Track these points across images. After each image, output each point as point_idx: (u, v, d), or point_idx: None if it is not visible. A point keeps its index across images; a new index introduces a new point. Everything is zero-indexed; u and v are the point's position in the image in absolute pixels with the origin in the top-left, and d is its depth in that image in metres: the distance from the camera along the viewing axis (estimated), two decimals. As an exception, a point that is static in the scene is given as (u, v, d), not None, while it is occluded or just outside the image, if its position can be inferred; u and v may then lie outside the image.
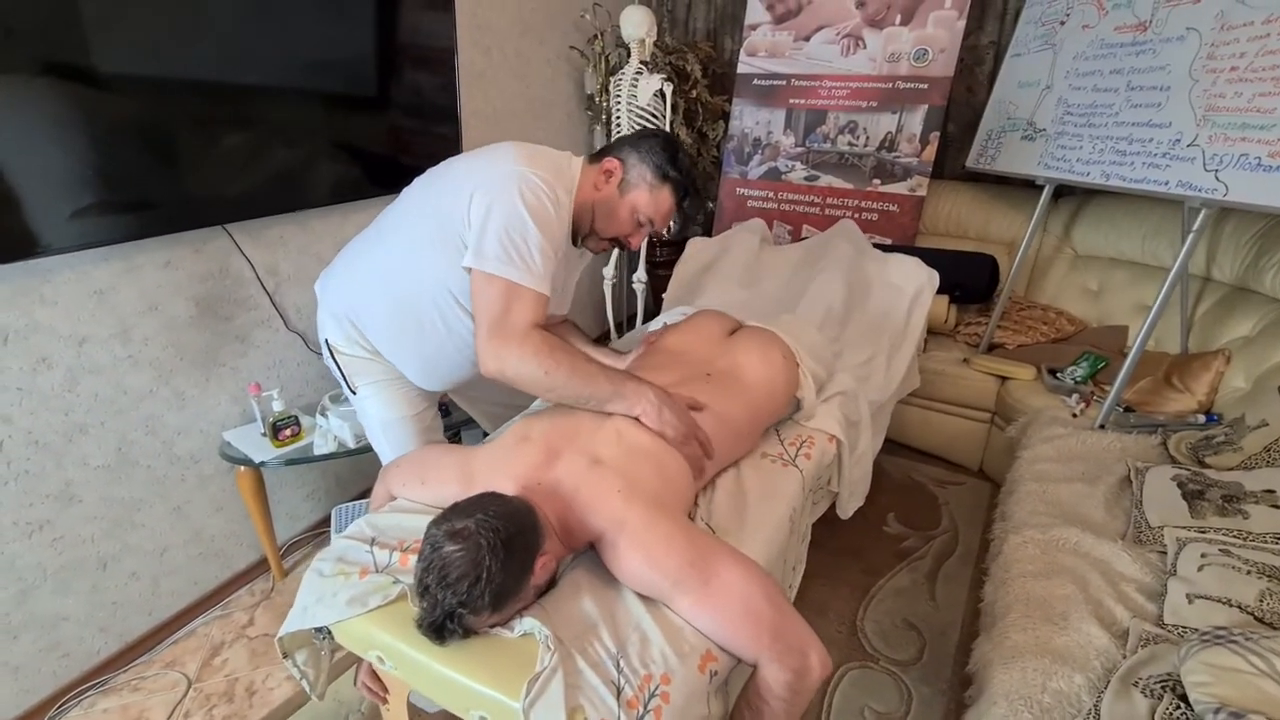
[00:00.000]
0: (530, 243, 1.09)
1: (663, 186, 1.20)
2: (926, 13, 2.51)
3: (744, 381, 1.31)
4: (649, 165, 1.20)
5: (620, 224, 1.23)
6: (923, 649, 1.61)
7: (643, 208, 1.21)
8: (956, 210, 2.68)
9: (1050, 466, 1.63)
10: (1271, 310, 1.85)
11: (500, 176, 1.12)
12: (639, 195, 1.21)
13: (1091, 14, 2.03)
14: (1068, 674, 1.04)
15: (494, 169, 1.14)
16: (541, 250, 1.10)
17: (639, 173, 1.21)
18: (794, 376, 1.39)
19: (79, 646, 1.53)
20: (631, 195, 1.21)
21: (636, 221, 1.22)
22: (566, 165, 1.22)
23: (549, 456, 1.02)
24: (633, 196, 1.21)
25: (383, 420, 1.38)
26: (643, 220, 1.22)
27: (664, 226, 1.25)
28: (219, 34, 1.49)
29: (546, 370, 1.07)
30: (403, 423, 1.38)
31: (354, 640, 0.95)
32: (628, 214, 1.22)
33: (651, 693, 0.79)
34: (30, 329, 1.35)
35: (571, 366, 1.09)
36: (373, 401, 1.37)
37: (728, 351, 1.39)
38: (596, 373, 1.12)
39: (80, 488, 1.48)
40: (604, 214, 1.23)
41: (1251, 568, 1.14)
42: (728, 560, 0.91)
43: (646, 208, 1.21)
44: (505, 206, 1.09)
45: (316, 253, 1.90)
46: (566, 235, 1.23)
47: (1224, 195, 1.49)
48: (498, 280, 1.08)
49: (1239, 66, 1.52)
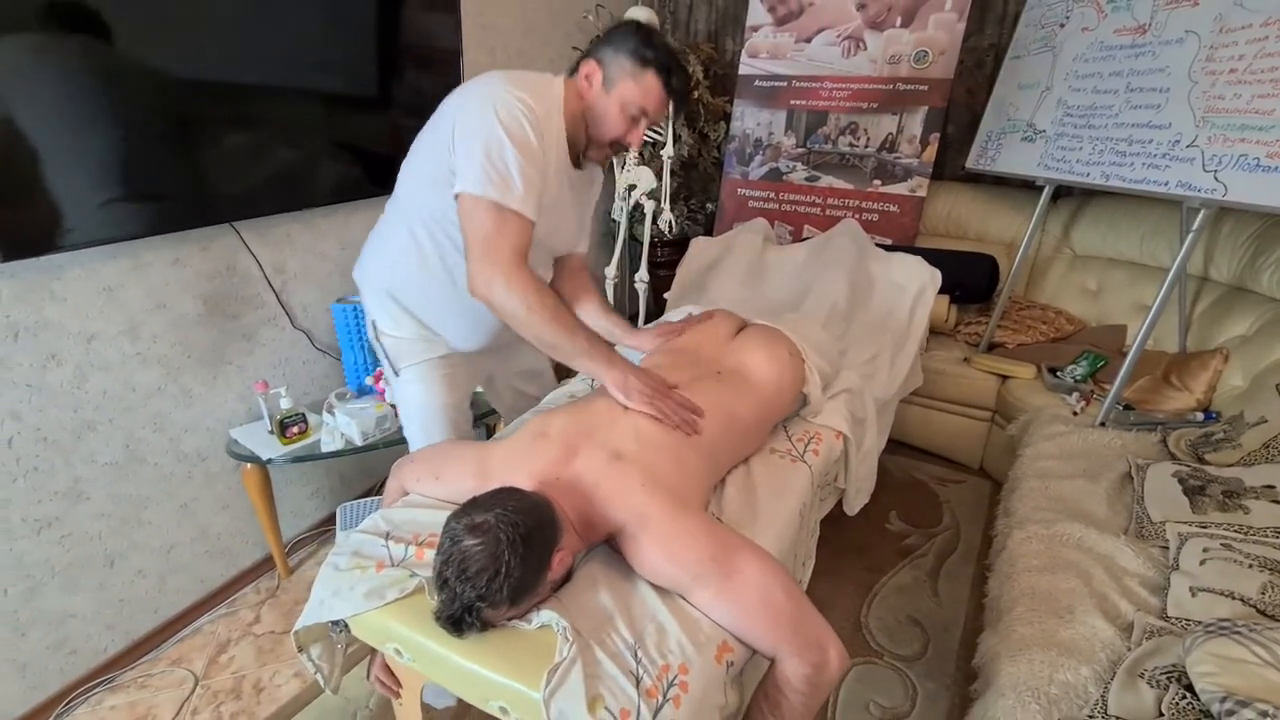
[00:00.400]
0: (510, 164, 1.08)
1: (645, 71, 1.15)
2: (927, 15, 2.53)
3: (753, 379, 1.32)
4: (625, 54, 1.15)
5: (613, 123, 1.19)
6: (926, 644, 1.63)
7: (631, 99, 1.16)
8: (956, 211, 2.70)
9: (1052, 464, 1.65)
10: (1268, 309, 1.88)
11: (478, 101, 1.12)
12: (624, 88, 1.16)
13: (1091, 17, 2.05)
14: (1074, 666, 1.06)
15: (473, 96, 1.14)
16: (522, 172, 1.09)
17: (617, 65, 1.16)
18: (800, 373, 1.40)
19: (86, 644, 1.53)
20: (616, 91, 1.16)
21: (630, 117, 1.18)
22: (549, 86, 1.19)
23: (568, 452, 1.02)
24: (618, 91, 1.16)
25: (423, 405, 1.37)
26: (635, 113, 1.18)
27: (659, 114, 1.20)
28: (227, 33, 1.49)
29: (530, 307, 1.09)
30: (441, 411, 1.38)
31: (371, 633, 0.96)
32: (617, 111, 1.17)
33: (670, 682, 0.80)
34: (40, 326, 1.35)
35: (555, 312, 1.12)
36: (414, 386, 1.36)
37: (735, 350, 1.40)
38: (576, 327, 1.15)
39: (88, 485, 1.48)
40: (595, 119, 1.19)
41: (1253, 561, 1.16)
42: (748, 555, 0.92)
43: (634, 97, 1.16)
44: (484, 130, 1.09)
45: (322, 251, 1.90)
46: (560, 156, 1.20)
47: (1223, 195, 1.51)
48: (483, 202, 1.08)
49: (1238, 68, 1.54)
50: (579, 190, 1.31)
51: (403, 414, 1.44)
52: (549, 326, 1.11)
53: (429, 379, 1.36)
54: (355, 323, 1.83)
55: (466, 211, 1.11)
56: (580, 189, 1.32)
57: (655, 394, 1.13)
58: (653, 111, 1.19)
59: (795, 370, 1.39)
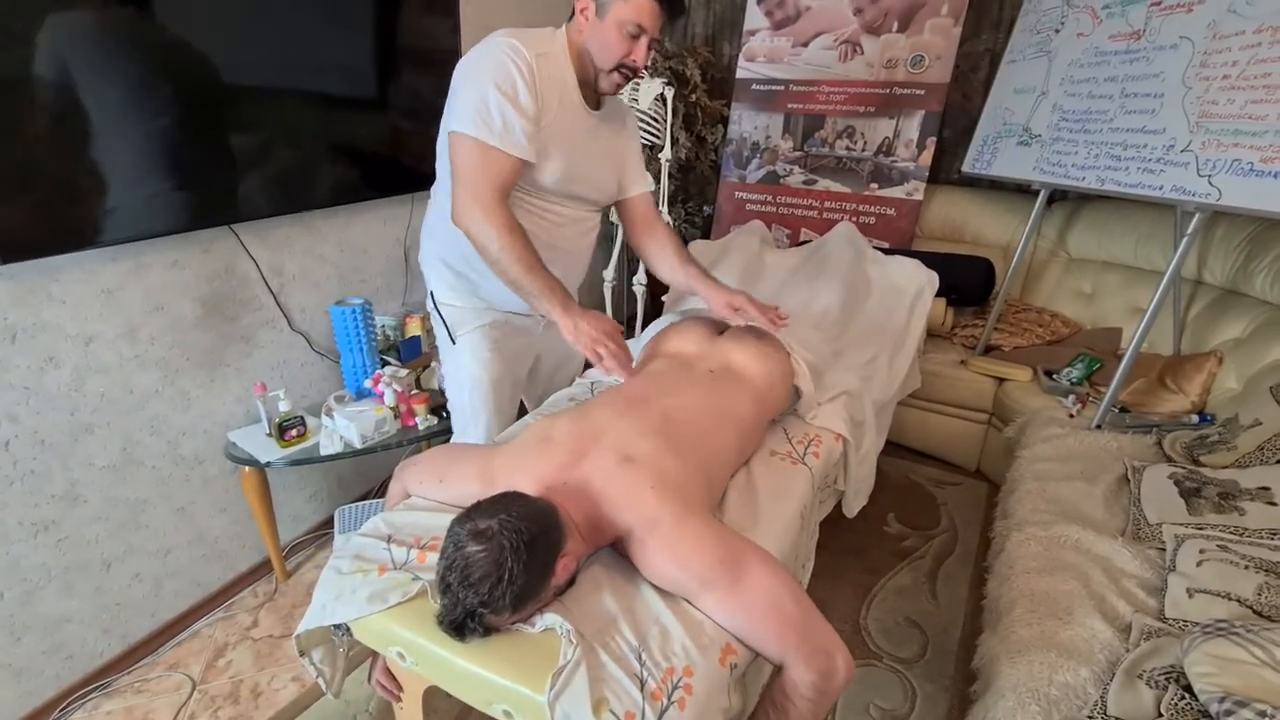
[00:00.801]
0: (491, 103, 1.15)
1: None
2: (923, 20, 2.55)
3: (743, 376, 1.34)
4: None
5: (613, 46, 1.21)
6: (925, 646, 1.63)
7: (625, 17, 1.19)
8: (953, 214, 2.72)
9: (1049, 466, 1.66)
10: (1261, 312, 1.90)
11: (473, 53, 1.21)
12: (616, 9, 1.19)
13: (1086, 22, 2.07)
14: (1073, 667, 1.06)
15: (472, 51, 1.22)
16: (502, 111, 1.16)
17: None
18: (788, 366, 1.41)
19: (82, 648, 1.52)
20: (610, 14, 1.19)
21: (629, 35, 1.20)
22: (550, 34, 1.26)
23: (575, 455, 1.02)
24: (612, 15, 1.19)
25: (471, 376, 1.44)
26: (633, 30, 1.19)
27: (657, 28, 1.22)
28: (226, 36, 1.49)
29: (500, 243, 1.18)
30: (489, 385, 1.45)
31: (374, 637, 0.95)
32: (616, 33, 1.20)
33: (674, 685, 0.80)
34: (38, 328, 1.34)
35: (522, 251, 1.19)
36: (466, 354, 1.44)
37: (720, 349, 1.41)
38: (538, 268, 1.20)
39: (85, 488, 1.47)
40: (597, 48, 1.23)
41: (1249, 563, 1.17)
42: (756, 561, 0.92)
43: (629, 14, 1.18)
44: (472, 73, 1.19)
45: (321, 253, 1.90)
46: (569, 99, 1.26)
47: (1218, 200, 1.52)
48: (468, 139, 1.17)
49: (1231, 74, 1.56)
50: (604, 133, 1.35)
51: (451, 385, 1.52)
52: (515, 264, 1.19)
53: (480, 348, 1.44)
54: (354, 325, 1.82)
55: (454, 147, 1.20)
56: (605, 132, 1.35)
57: (602, 337, 1.20)
58: (649, 25, 1.20)
59: (783, 364, 1.40)
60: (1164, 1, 1.80)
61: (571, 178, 1.32)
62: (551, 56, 1.23)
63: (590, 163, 1.35)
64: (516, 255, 1.19)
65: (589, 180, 1.37)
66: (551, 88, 1.22)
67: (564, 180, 1.31)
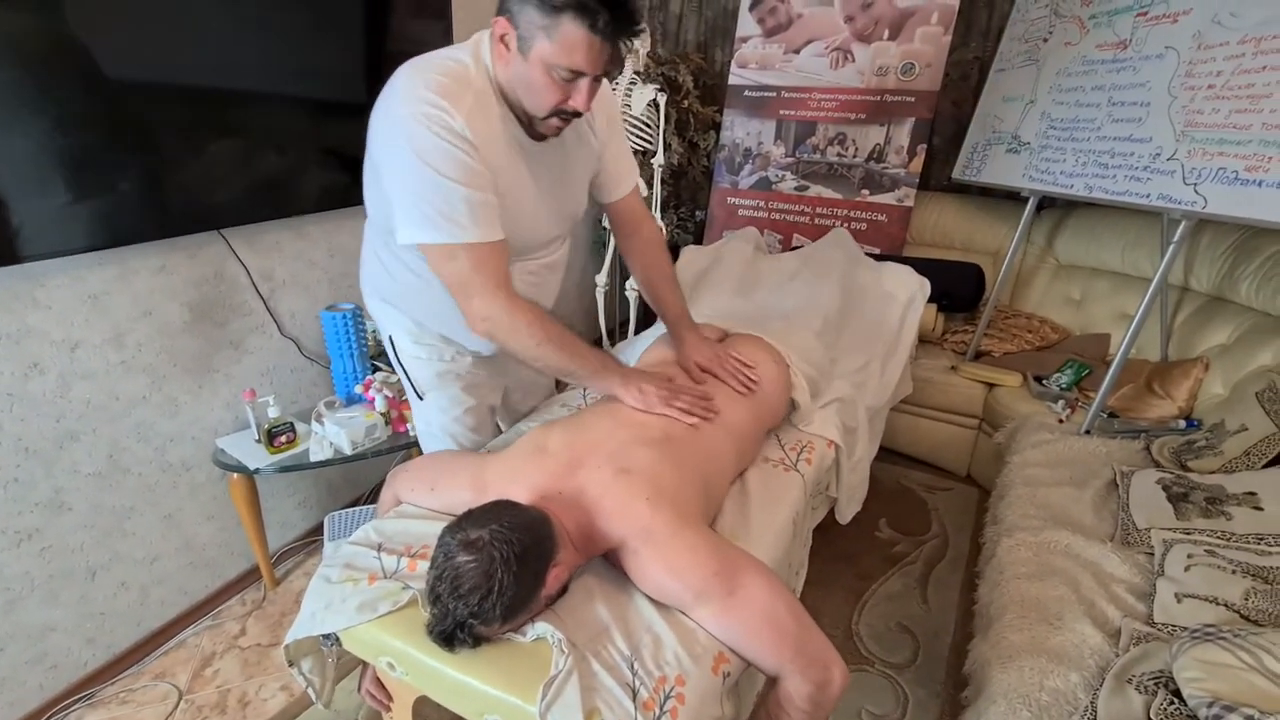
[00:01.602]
0: (448, 199, 0.97)
1: (559, 19, 0.91)
2: (913, 28, 2.57)
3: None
4: (531, 2, 0.91)
5: (543, 92, 0.97)
6: (917, 652, 1.64)
7: (553, 59, 0.93)
8: (943, 220, 2.74)
9: (1039, 471, 1.67)
10: (1247, 319, 1.92)
11: (395, 135, 0.98)
12: (541, 47, 0.93)
13: (1073, 32, 2.10)
14: (1064, 673, 1.07)
15: (389, 124, 0.99)
16: (464, 200, 0.97)
17: (527, 19, 0.92)
18: (786, 379, 1.41)
19: (66, 658, 1.50)
20: (534, 51, 0.94)
21: (559, 80, 0.96)
22: (470, 69, 1.01)
23: (570, 465, 1.01)
24: (536, 53, 0.94)
25: (448, 433, 1.35)
26: (564, 75, 0.95)
27: (597, 68, 0.96)
28: (214, 40, 1.48)
29: (538, 341, 1.06)
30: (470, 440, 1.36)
31: (363, 646, 0.94)
32: (542, 76, 0.95)
33: (667, 694, 0.80)
34: (22, 333, 1.32)
35: (561, 337, 1.08)
36: (436, 410, 1.34)
37: None
38: (581, 349, 1.12)
39: (70, 495, 1.45)
40: (523, 90, 0.99)
41: (1236, 567, 1.18)
42: (751, 572, 0.91)
43: (557, 57, 0.93)
44: (409, 172, 0.97)
45: (311, 258, 1.89)
46: (508, 138, 1.04)
47: (1203, 207, 1.54)
48: (440, 248, 1.00)
49: (1216, 84, 1.58)
50: (554, 158, 1.14)
51: (425, 440, 1.42)
52: (557, 354, 1.08)
53: (451, 406, 1.33)
54: (345, 330, 1.81)
55: (432, 260, 1.04)
56: (556, 156, 1.14)
57: (672, 394, 1.16)
58: (587, 66, 0.95)
59: (781, 376, 1.40)
60: (1150, 12, 1.83)
61: (529, 233, 1.16)
62: (480, 99, 1.00)
63: (552, 205, 1.17)
64: (555, 344, 1.07)
65: (550, 223, 1.20)
66: (488, 143, 1.01)
67: (521, 238, 1.13)
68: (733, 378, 1.32)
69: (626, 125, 2.40)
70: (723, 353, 1.36)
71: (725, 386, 1.30)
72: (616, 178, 1.29)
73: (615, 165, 1.28)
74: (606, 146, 1.24)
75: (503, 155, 1.04)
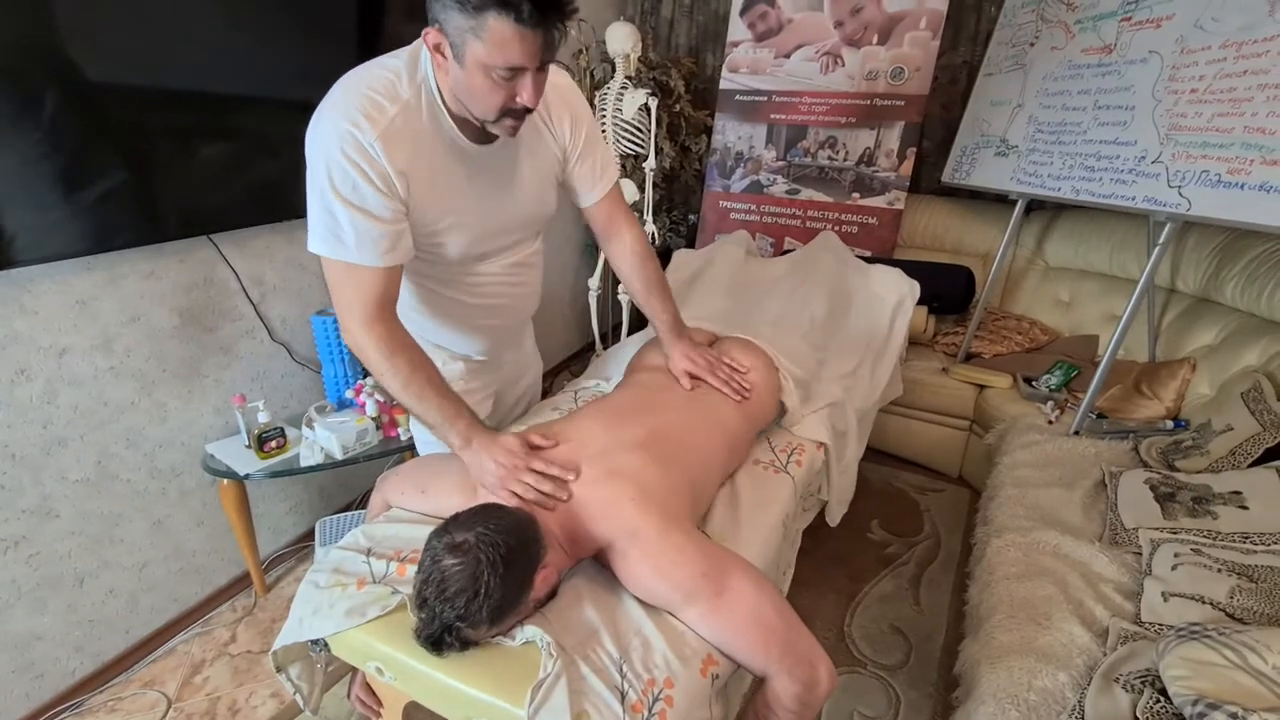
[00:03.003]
0: (339, 218, 0.97)
1: (483, 18, 0.86)
2: (902, 33, 2.59)
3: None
4: (452, 7, 0.87)
5: (485, 95, 0.94)
6: (909, 653, 1.64)
7: (487, 59, 0.89)
8: (933, 223, 2.75)
9: (1028, 472, 1.68)
10: (1233, 320, 1.94)
11: (313, 147, 0.99)
12: (473, 49, 0.89)
13: (1060, 36, 2.12)
14: (1052, 672, 1.08)
15: (313, 135, 0.99)
16: (354, 223, 0.97)
17: (455, 25, 0.88)
18: (775, 382, 1.42)
19: (54, 667, 1.49)
20: (468, 56, 0.90)
21: (500, 80, 0.92)
22: (403, 78, 0.99)
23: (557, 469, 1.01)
24: (470, 56, 0.90)
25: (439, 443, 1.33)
26: (502, 75, 0.91)
27: (533, 60, 0.91)
28: (203, 44, 1.48)
29: (384, 371, 1.02)
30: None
31: (352, 652, 0.94)
32: (482, 79, 0.92)
33: (655, 697, 0.80)
34: (9, 339, 1.32)
35: (410, 373, 1.02)
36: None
37: None
38: (429, 391, 1.03)
39: (58, 502, 1.44)
40: (467, 97, 0.96)
41: (1222, 566, 1.19)
42: (739, 572, 0.92)
43: (490, 57, 0.89)
44: (315, 184, 0.98)
45: (302, 262, 1.89)
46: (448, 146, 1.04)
47: (1187, 210, 1.56)
48: (327, 261, 1.01)
49: (1198, 88, 1.60)
50: (506, 161, 1.12)
51: (421, 445, 1.44)
52: (402, 390, 1.02)
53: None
54: (335, 335, 1.81)
55: (324, 271, 1.04)
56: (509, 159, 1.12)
57: (516, 470, 0.99)
58: (525, 60, 0.90)
59: (770, 379, 1.41)
60: (1134, 17, 1.85)
61: (482, 238, 1.15)
62: (407, 111, 0.98)
63: (500, 208, 1.14)
64: (403, 379, 1.01)
65: (507, 227, 1.18)
66: (417, 155, 1.00)
67: (475, 244, 1.14)
68: (726, 385, 1.31)
69: (618, 129, 2.41)
70: (715, 359, 1.35)
71: (711, 392, 1.30)
72: (587, 180, 1.24)
73: (583, 168, 1.22)
74: (574, 148, 1.20)
75: (437, 162, 1.03)
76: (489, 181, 1.11)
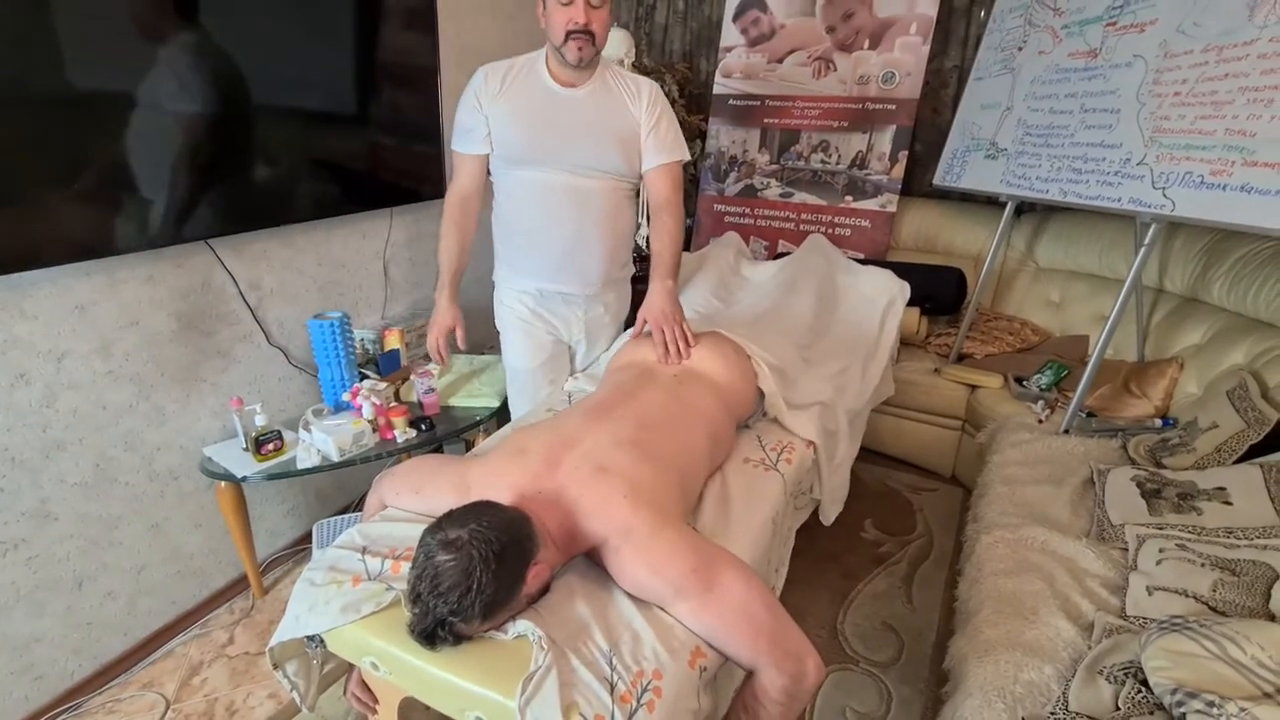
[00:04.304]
0: (457, 123, 1.57)
1: None
2: (893, 38, 2.62)
3: (705, 376, 1.38)
4: None
5: (555, 23, 1.39)
6: (901, 650, 1.66)
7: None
8: (925, 225, 2.78)
9: (1018, 470, 1.70)
10: (1219, 319, 1.96)
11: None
12: None
13: (1047, 41, 2.15)
14: (1038, 665, 1.09)
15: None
16: (460, 123, 1.56)
17: None
18: (749, 369, 1.45)
19: (52, 669, 1.50)
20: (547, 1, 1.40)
21: (560, 4, 1.37)
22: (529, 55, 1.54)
23: (550, 465, 1.03)
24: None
25: (511, 367, 1.76)
26: (562, 4, 1.37)
27: None
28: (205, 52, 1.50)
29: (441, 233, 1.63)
30: (526, 374, 1.73)
31: (347, 647, 0.96)
32: (555, 11, 1.39)
33: (644, 688, 0.81)
34: (8, 344, 1.33)
35: (444, 232, 1.63)
36: (506, 350, 1.76)
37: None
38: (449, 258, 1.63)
39: (57, 505, 1.46)
40: (545, 26, 1.44)
41: (1205, 560, 1.21)
42: (729, 568, 0.93)
43: None
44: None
45: (299, 267, 1.91)
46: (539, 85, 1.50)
47: (1171, 210, 1.58)
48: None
49: (1181, 91, 1.62)
50: (586, 107, 1.50)
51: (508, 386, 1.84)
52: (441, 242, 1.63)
53: (514, 345, 1.72)
54: (332, 338, 1.83)
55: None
56: (588, 106, 1.51)
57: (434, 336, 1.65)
58: None
59: (742, 365, 1.44)
60: (1119, 22, 1.88)
61: (539, 145, 1.51)
62: (518, 65, 1.51)
63: (562, 132, 1.50)
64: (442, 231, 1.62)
65: (565, 149, 1.51)
66: (516, 85, 1.50)
67: (531, 147, 1.51)
68: (670, 344, 1.43)
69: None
70: (673, 319, 1.46)
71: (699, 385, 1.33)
72: (651, 150, 1.57)
73: (650, 140, 1.57)
74: (647, 122, 1.55)
75: (533, 98, 1.50)
76: (567, 113, 1.51)
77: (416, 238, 2.28)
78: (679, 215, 1.62)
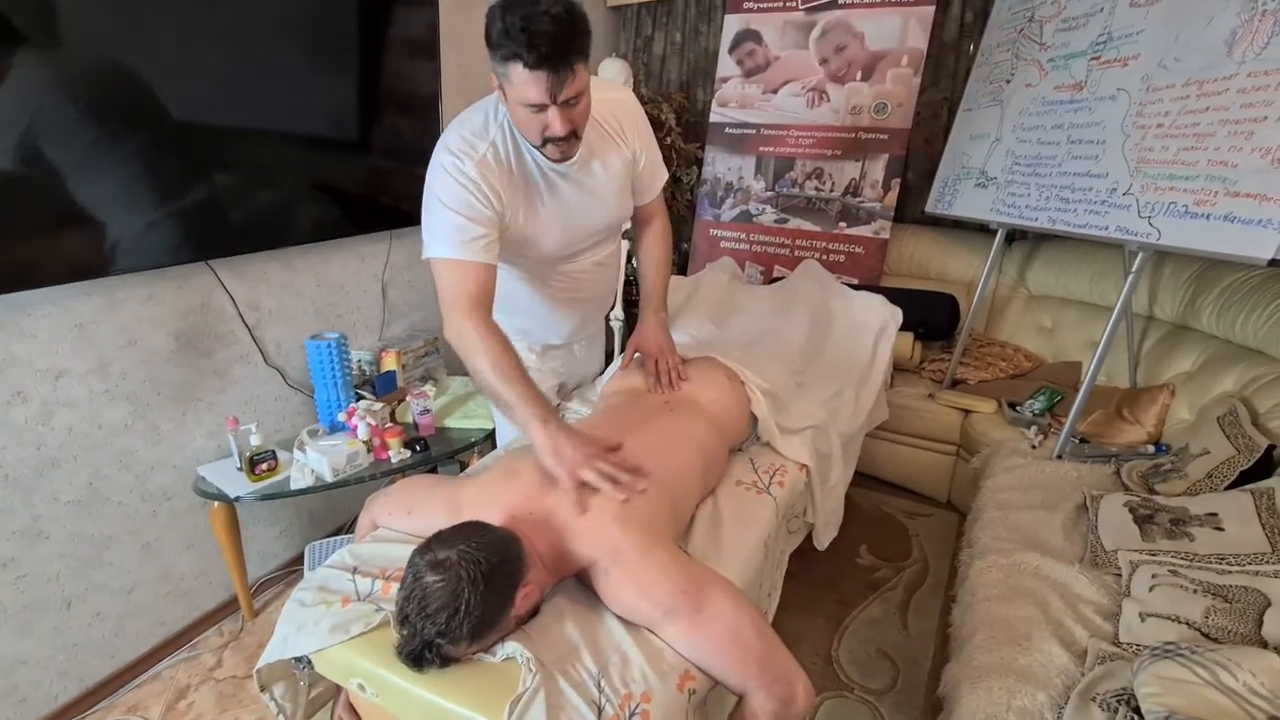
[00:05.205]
0: (435, 217, 1.18)
1: (507, 67, 1.02)
2: (885, 70, 2.69)
3: (699, 403, 1.38)
4: (493, 55, 1.04)
5: (527, 126, 1.11)
6: (896, 677, 1.64)
7: (516, 99, 1.06)
8: (918, 252, 2.81)
9: (1012, 495, 1.70)
10: (1209, 346, 1.98)
11: (430, 174, 1.21)
12: (508, 90, 1.06)
13: (1033, 74, 2.20)
14: (1031, 692, 1.08)
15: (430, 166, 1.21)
16: (462, 228, 1.16)
17: (495, 70, 1.06)
18: (742, 394, 1.45)
19: (36, 691, 1.48)
20: (508, 94, 1.07)
21: (532, 114, 1.08)
22: (490, 121, 1.19)
23: (541, 487, 1.03)
24: (509, 94, 1.07)
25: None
26: (530, 111, 1.07)
27: (550, 98, 1.04)
28: (209, 77, 1.54)
29: (475, 351, 1.14)
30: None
31: (335, 669, 0.95)
32: (522, 112, 1.09)
33: (632, 711, 0.81)
34: (6, 362, 1.34)
35: (497, 358, 1.12)
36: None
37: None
38: (514, 376, 1.12)
39: (48, 524, 1.45)
40: (519, 126, 1.15)
41: (1197, 587, 1.20)
42: (718, 591, 0.93)
43: (518, 96, 1.05)
44: (431, 203, 1.19)
45: (298, 289, 1.93)
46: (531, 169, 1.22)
47: (1157, 239, 1.61)
48: (438, 262, 1.19)
49: (1164, 123, 1.66)
50: (588, 175, 1.29)
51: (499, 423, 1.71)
52: (489, 370, 1.12)
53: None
54: (329, 359, 1.84)
55: (433, 273, 1.21)
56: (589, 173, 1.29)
57: (591, 458, 1.04)
58: (542, 97, 1.04)
59: (736, 391, 1.44)
60: (1103, 56, 1.93)
61: (571, 240, 1.35)
62: (497, 145, 1.18)
63: (583, 213, 1.32)
64: (492, 360, 1.11)
65: (590, 228, 1.37)
66: (508, 179, 1.20)
67: (566, 245, 1.35)
68: (664, 375, 1.42)
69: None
70: (668, 351, 1.46)
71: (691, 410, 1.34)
72: (649, 182, 1.44)
73: (647, 170, 1.42)
74: (638, 148, 1.36)
75: (524, 185, 1.24)
76: (572, 194, 1.29)
77: (415, 261, 2.31)
78: (669, 240, 1.57)
